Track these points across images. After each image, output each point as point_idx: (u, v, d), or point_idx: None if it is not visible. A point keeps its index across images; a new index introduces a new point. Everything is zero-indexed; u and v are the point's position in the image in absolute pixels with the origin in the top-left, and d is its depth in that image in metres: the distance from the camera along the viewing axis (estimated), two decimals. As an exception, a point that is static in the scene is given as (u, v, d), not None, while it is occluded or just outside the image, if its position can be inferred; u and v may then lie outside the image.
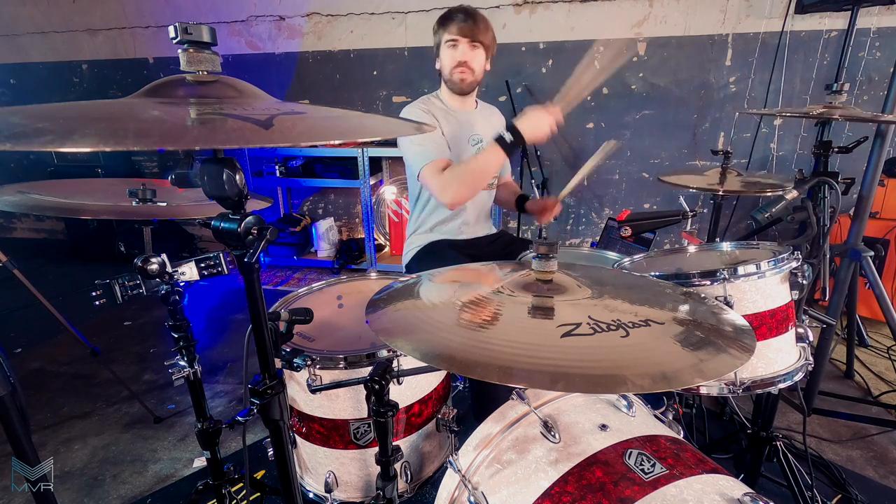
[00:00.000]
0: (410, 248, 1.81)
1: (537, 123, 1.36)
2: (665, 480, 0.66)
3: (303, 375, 0.98)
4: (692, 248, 1.46)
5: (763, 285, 1.13)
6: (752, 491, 0.65)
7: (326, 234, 3.80)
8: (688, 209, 1.56)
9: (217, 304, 3.21)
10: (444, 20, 1.62)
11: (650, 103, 3.25)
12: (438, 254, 1.71)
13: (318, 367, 0.98)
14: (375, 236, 3.68)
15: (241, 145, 0.51)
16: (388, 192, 3.79)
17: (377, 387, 0.89)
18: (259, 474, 1.67)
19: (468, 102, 1.77)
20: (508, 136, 1.38)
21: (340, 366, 0.99)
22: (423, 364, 0.72)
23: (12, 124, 0.47)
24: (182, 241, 4.10)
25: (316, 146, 3.53)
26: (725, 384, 1.11)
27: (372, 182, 3.47)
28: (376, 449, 0.96)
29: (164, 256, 1.05)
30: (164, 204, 1.16)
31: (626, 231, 1.50)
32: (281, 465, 0.81)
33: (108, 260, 3.93)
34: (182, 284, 1.12)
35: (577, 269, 0.96)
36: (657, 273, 1.15)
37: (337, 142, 0.55)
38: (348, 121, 0.70)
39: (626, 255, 1.48)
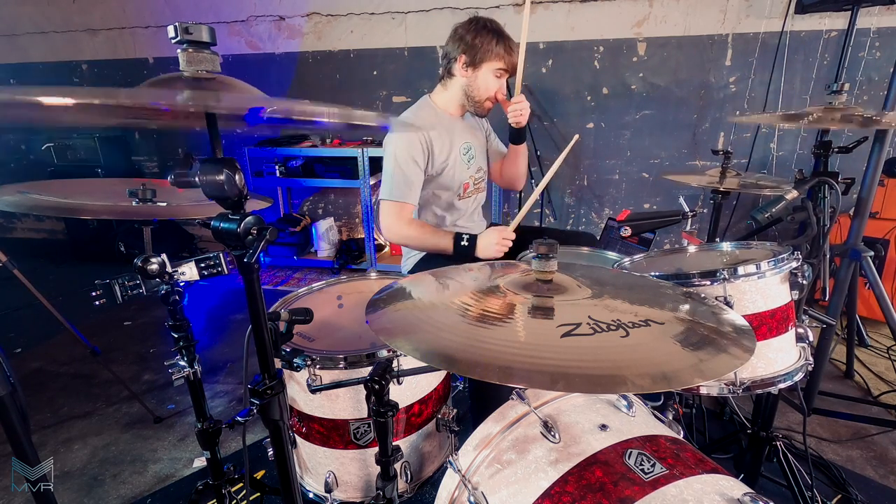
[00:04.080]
0: (410, 255, 1.81)
1: (488, 244, 1.55)
2: (665, 480, 0.66)
3: (303, 375, 0.98)
4: (692, 248, 1.46)
5: (763, 285, 1.13)
6: (752, 491, 0.65)
7: (326, 234, 3.80)
8: (688, 209, 1.56)
9: (217, 304, 3.21)
10: (508, 45, 1.58)
11: (650, 103, 3.25)
12: (438, 260, 1.70)
13: (318, 367, 0.98)
14: (375, 236, 3.67)
15: (232, 108, 0.51)
16: (388, 192, 3.78)
17: (377, 387, 0.89)
18: (259, 474, 1.67)
19: (463, 110, 1.77)
20: (465, 242, 1.58)
21: (340, 366, 0.99)
22: (423, 364, 0.72)
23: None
24: (182, 241, 4.10)
25: (316, 146, 3.53)
26: (725, 384, 1.11)
27: (372, 182, 3.47)
28: (376, 449, 0.96)
29: (164, 256, 1.05)
30: (164, 204, 1.15)
31: (627, 231, 1.50)
32: (281, 465, 0.81)
33: (108, 260, 3.92)
34: (182, 284, 1.12)
35: (577, 269, 0.96)
36: (657, 273, 1.15)
37: (326, 119, 0.55)
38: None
39: (626, 255, 1.48)
